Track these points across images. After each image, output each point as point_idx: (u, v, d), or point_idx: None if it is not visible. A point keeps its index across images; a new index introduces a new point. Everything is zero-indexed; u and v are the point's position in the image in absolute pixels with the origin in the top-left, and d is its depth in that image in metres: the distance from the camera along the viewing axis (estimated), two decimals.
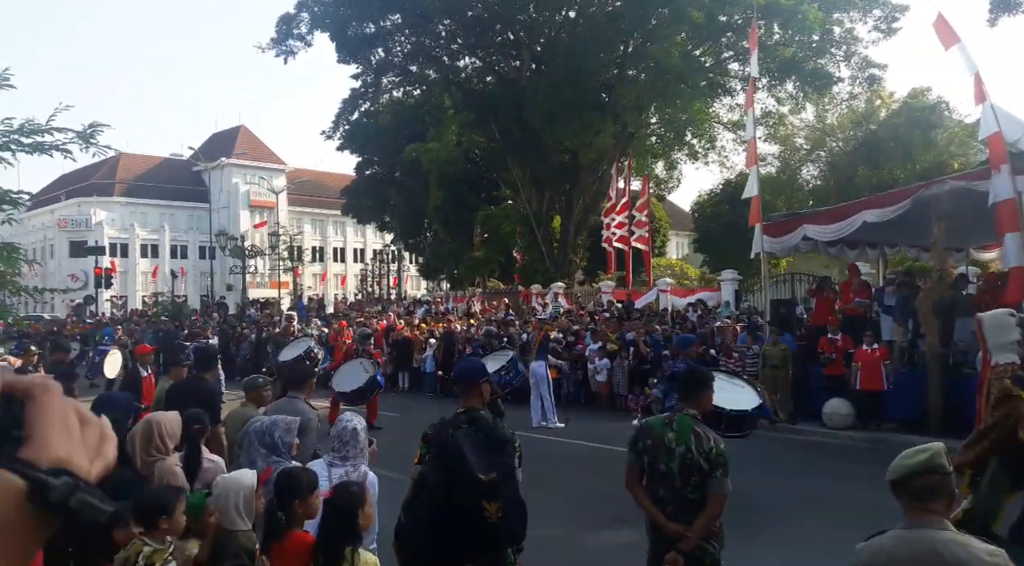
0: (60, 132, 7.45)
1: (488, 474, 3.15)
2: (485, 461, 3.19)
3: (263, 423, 4.26)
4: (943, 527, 2.33)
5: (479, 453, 3.21)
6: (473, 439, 3.28)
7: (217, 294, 45.86)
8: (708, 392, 3.75)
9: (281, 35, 28.62)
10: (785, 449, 10.75)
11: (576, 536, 6.36)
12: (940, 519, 2.35)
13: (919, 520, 2.36)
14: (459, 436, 3.28)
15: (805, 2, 23.11)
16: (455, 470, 3.17)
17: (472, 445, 3.24)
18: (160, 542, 3.11)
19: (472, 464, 3.15)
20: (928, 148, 28.53)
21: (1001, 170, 10.00)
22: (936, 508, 2.36)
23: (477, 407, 3.49)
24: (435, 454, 3.33)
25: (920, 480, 2.38)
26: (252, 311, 29.91)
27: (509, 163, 28.26)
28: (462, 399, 3.57)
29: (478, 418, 3.42)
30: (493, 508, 3.13)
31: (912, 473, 2.39)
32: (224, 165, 60.68)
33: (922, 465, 2.39)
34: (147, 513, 3.13)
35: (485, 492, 3.13)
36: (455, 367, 3.72)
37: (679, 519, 3.48)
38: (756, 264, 16.72)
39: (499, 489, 3.17)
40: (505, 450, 3.31)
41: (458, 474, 3.16)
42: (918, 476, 2.38)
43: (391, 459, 5.68)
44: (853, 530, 6.73)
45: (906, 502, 2.40)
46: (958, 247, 15.34)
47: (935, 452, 2.42)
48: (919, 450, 2.46)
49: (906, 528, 2.38)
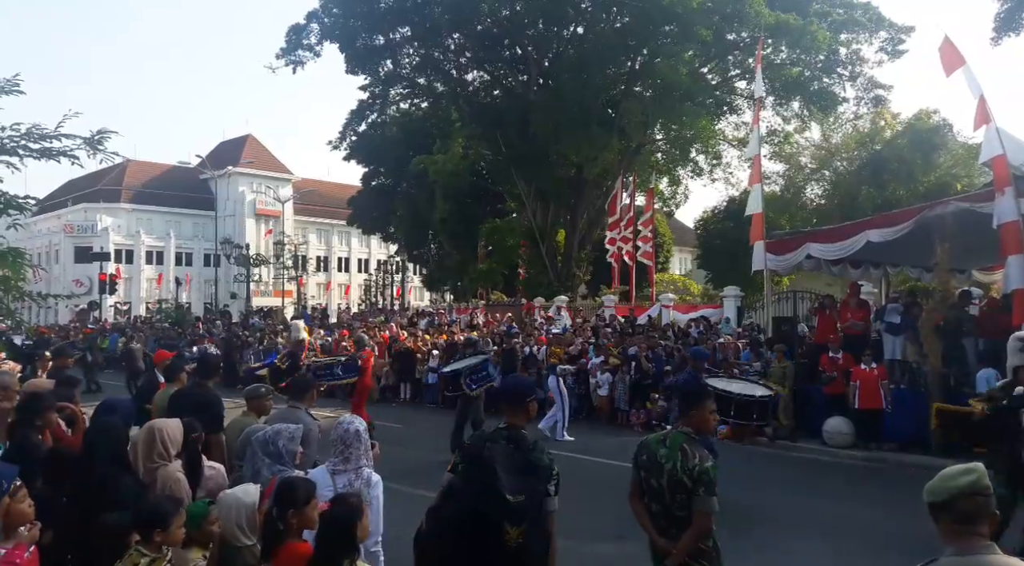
0: (68, 138, 7.53)
1: (516, 495, 3.08)
2: (516, 482, 3.12)
3: (266, 432, 4.27)
4: (995, 552, 2.28)
5: (512, 473, 3.14)
6: (509, 457, 3.21)
7: (221, 302, 45.99)
8: (702, 409, 3.69)
9: (290, 45, 28.85)
10: (785, 466, 10.72)
11: (580, 548, 6.33)
12: (990, 543, 2.29)
13: (970, 545, 2.28)
14: (495, 451, 3.22)
15: (813, 22, 23.25)
16: (484, 485, 3.12)
17: (506, 463, 3.17)
18: (157, 551, 3.11)
19: (502, 482, 3.08)
20: (931, 169, 28.57)
21: (1005, 192, 10.03)
22: (983, 531, 2.30)
23: (520, 425, 3.43)
24: (468, 466, 3.27)
25: (965, 502, 2.31)
26: (256, 320, 29.96)
27: (515, 176, 28.36)
28: (507, 415, 3.50)
29: (519, 437, 3.35)
30: (515, 532, 3.04)
31: (958, 495, 2.32)
32: (231, 174, 61.02)
33: (970, 487, 2.32)
34: (143, 524, 3.13)
35: (510, 514, 3.06)
36: (503, 382, 3.71)
37: (669, 535, 3.51)
38: (758, 281, 16.74)
39: (525, 514, 3.09)
40: (539, 475, 3.24)
41: (486, 490, 3.10)
42: (964, 498, 2.31)
43: (392, 469, 5.69)
44: (853, 547, 6.71)
45: (949, 525, 2.32)
46: (961, 268, 15.33)
47: (981, 474, 2.35)
48: (963, 471, 2.38)
49: (959, 555, 2.29)
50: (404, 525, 3.71)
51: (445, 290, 37.96)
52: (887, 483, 9.40)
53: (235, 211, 61.76)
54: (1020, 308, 10.25)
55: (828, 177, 33.66)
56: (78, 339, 24.41)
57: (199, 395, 5.93)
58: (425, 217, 31.87)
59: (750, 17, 22.81)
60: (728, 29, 24.40)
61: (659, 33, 24.47)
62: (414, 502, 3.46)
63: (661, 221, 34.61)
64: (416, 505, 3.42)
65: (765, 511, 7.94)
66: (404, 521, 3.82)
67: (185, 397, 6.00)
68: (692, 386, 4.00)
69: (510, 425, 3.44)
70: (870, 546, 6.86)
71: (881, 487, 9.24)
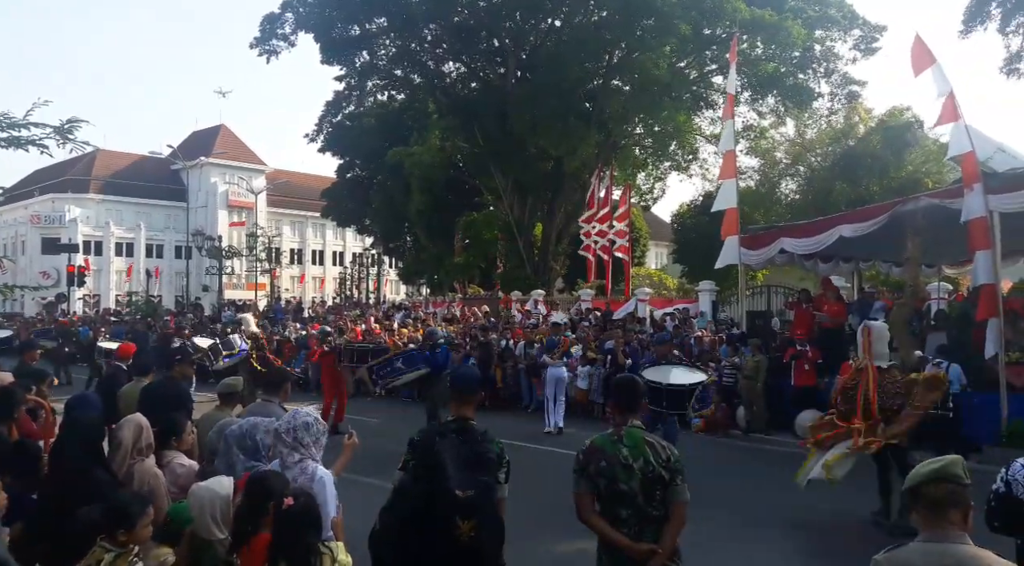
0: (37, 127, 7.34)
1: (465, 491, 3.10)
2: (465, 477, 3.14)
3: (242, 426, 4.21)
4: (965, 541, 2.32)
5: (460, 468, 3.16)
6: (457, 451, 3.23)
7: (192, 295, 45.36)
8: (644, 400, 3.67)
9: (265, 34, 28.45)
10: (756, 459, 10.84)
11: (538, 546, 6.34)
12: (962, 533, 2.34)
13: (941, 533, 2.33)
14: (443, 447, 3.23)
15: (789, 18, 23.47)
16: (435, 482, 3.13)
17: (455, 458, 3.19)
18: (123, 546, 3.06)
19: (451, 479, 3.11)
20: (903, 165, 29.05)
21: (974, 189, 10.20)
22: (955, 519, 2.34)
23: (469, 416, 3.43)
24: (418, 462, 3.27)
25: (935, 488, 2.37)
26: (228, 313, 29.59)
27: (492, 169, 28.29)
28: (453, 405, 3.51)
29: (467, 429, 3.36)
30: (467, 526, 3.07)
31: (927, 480, 2.38)
32: (203, 164, 60.12)
33: (936, 473, 2.39)
34: (109, 523, 3.08)
35: (460, 508, 3.08)
36: (452, 373, 3.63)
37: (642, 539, 3.32)
38: (733, 276, 16.89)
39: (475, 508, 3.11)
40: (488, 468, 3.26)
41: (436, 487, 3.12)
42: (932, 483, 2.37)
43: (366, 464, 5.65)
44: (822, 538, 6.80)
45: (923, 511, 2.39)
46: (930, 263, 15.61)
47: (950, 462, 2.42)
48: (933, 460, 2.48)
49: (928, 541, 2.34)
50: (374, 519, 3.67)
51: (421, 283, 37.82)
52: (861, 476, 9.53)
53: (207, 202, 60.87)
54: (986, 303, 10.45)
55: (803, 172, 34.07)
56: (51, 329, 23.94)
57: (170, 389, 5.85)
58: (401, 210, 31.69)
59: (727, 12, 22.95)
60: (706, 24, 24.51)
61: (637, 27, 24.52)
62: (383, 496, 3.42)
63: (638, 215, 34.76)
64: (384, 499, 3.38)
65: (735, 503, 8.02)
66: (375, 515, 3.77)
67: (157, 390, 5.93)
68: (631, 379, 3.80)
69: (459, 417, 3.45)
70: (839, 537, 6.96)
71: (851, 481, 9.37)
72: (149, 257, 59.26)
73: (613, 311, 19.66)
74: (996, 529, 3.15)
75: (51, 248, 49.35)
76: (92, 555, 3.01)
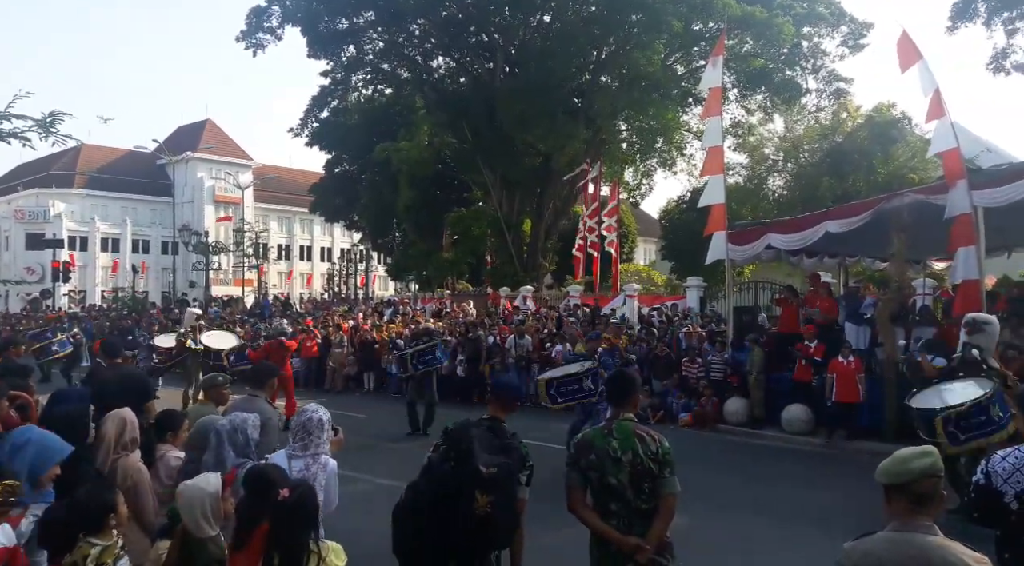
0: (19, 119, 7.26)
1: (489, 468, 3.26)
2: (490, 458, 3.32)
3: (232, 421, 4.20)
4: (933, 532, 2.34)
5: (487, 451, 3.36)
6: (486, 440, 3.44)
7: (179, 291, 45.02)
8: (639, 394, 3.73)
9: (251, 27, 28.23)
10: (743, 453, 10.92)
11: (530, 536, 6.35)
12: (930, 524, 2.36)
13: (910, 523, 2.36)
14: (473, 433, 3.45)
15: (778, 15, 23.55)
16: (461, 460, 3.31)
17: (483, 443, 3.39)
18: (107, 539, 3.05)
19: (476, 456, 3.29)
20: (889, 161, 29.27)
21: (958, 185, 10.29)
22: (929, 511, 2.38)
23: (501, 418, 3.66)
24: (448, 446, 3.45)
25: (923, 484, 2.38)
26: (214, 308, 29.41)
27: (480, 165, 28.23)
28: (491, 407, 3.74)
29: (499, 427, 3.59)
30: (484, 500, 3.20)
31: (918, 477, 2.39)
32: (189, 159, 59.60)
33: (927, 469, 2.39)
34: (94, 514, 3.06)
35: (480, 482, 3.22)
36: (496, 381, 4.07)
37: (631, 533, 3.32)
38: (721, 271, 16.95)
39: (495, 484, 3.25)
40: (511, 456, 3.43)
41: (462, 463, 3.30)
42: (922, 480, 2.38)
43: (357, 461, 5.64)
44: (807, 530, 6.87)
45: (903, 505, 2.39)
46: (916, 259, 15.73)
47: (936, 457, 2.43)
48: (920, 453, 2.45)
49: (896, 530, 2.37)
50: (367, 513, 3.68)
51: (410, 279, 37.70)
52: (843, 469, 9.63)
53: (193, 197, 60.37)
54: (962, 299, 10.54)
55: (790, 169, 34.24)
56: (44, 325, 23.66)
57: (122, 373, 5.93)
58: (389, 205, 31.53)
59: (717, 8, 22.98)
60: (695, 20, 24.56)
61: (626, 23, 24.52)
62: (373, 490, 3.44)
63: (626, 211, 34.80)
64: (375, 493, 3.40)
65: (724, 497, 8.07)
66: (367, 510, 3.78)
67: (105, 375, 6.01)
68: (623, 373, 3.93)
69: (493, 416, 3.65)
70: (823, 529, 7.02)
71: (837, 473, 9.47)
72: (135, 253, 58.72)
73: (601, 307, 19.71)
74: (975, 520, 3.18)
75: (36, 243, 48.82)
76: (78, 551, 2.99)
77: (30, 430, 3.61)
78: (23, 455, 3.39)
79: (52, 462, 3.45)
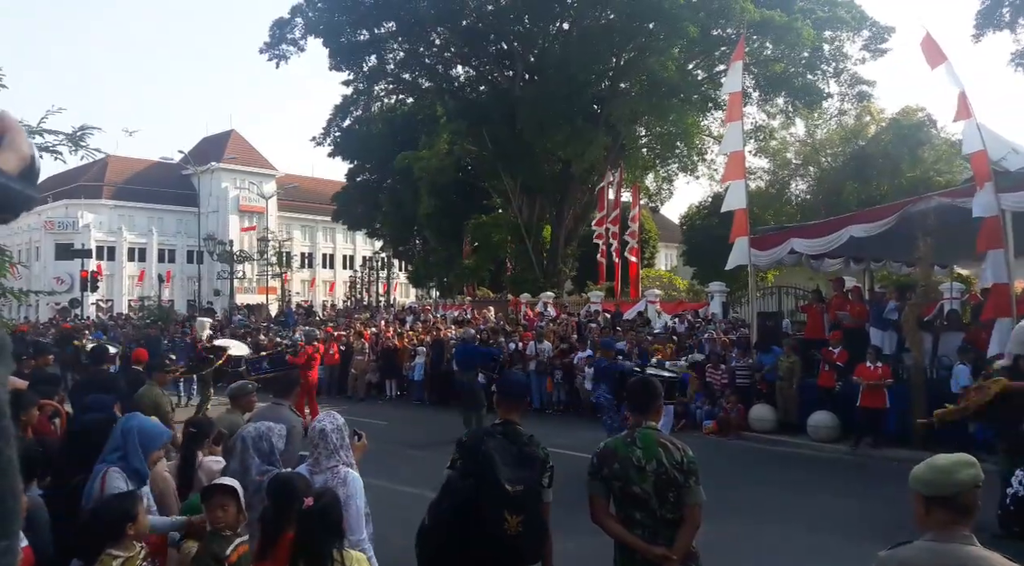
0: (51, 134, 7.43)
1: (515, 486, 3.16)
2: (514, 473, 3.22)
3: (258, 429, 4.25)
4: (972, 542, 2.27)
5: (509, 464, 3.24)
6: (505, 450, 3.31)
7: (204, 299, 45.58)
8: (660, 401, 3.60)
9: (274, 39, 28.62)
10: (770, 461, 10.79)
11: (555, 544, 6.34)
12: (969, 534, 2.28)
13: (949, 533, 2.28)
14: (491, 445, 3.31)
15: (799, 19, 23.39)
16: (483, 477, 3.19)
17: (503, 456, 3.27)
18: (129, 549, 3.09)
19: (500, 474, 3.17)
20: (915, 165, 28.87)
21: (985, 188, 10.13)
22: (968, 521, 2.30)
23: (515, 421, 3.52)
24: (466, 460, 3.33)
25: (968, 496, 2.30)
26: (239, 316, 29.73)
27: (500, 172, 28.30)
28: (501, 410, 3.62)
29: (514, 432, 3.45)
30: (514, 521, 3.13)
31: (965, 489, 2.30)
32: (214, 169, 60.44)
33: (975, 479, 2.31)
34: (113, 523, 3.10)
35: (509, 503, 3.14)
36: (502, 380, 3.83)
37: (656, 543, 3.28)
38: (743, 277, 16.81)
39: (524, 504, 3.18)
40: (534, 467, 3.33)
41: (485, 482, 3.18)
42: (968, 492, 2.30)
43: (378, 467, 5.67)
44: (835, 539, 6.77)
45: (946, 516, 2.29)
46: (943, 263, 15.49)
47: (978, 467, 2.33)
48: (963, 463, 2.34)
49: (934, 541, 2.29)
50: (389, 520, 3.70)
51: (431, 286, 37.85)
52: (871, 477, 9.49)
53: (218, 207, 61.18)
54: (994, 302, 10.35)
55: (813, 173, 33.91)
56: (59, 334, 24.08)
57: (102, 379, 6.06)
58: (410, 213, 31.73)
59: (736, 13, 22.89)
60: (714, 25, 24.48)
61: (645, 30, 24.49)
62: (396, 497, 3.45)
63: (647, 217, 34.71)
64: (397, 501, 3.41)
65: (750, 505, 7.99)
66: (388, 517, 3.80)
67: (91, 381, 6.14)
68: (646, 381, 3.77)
69: (506, 421, 3.52)
70: (851, 537, 6.92)
71: (864, 480, 9.33)
72: (161, 262, 59.60)
73: (623, 312, 19.63)
74: (1015, 533, 3.07)
75: (65, 254, 49.69)
76: (99, 563, 3.01)
77: (135, 416, 3.97)
78: (132, 438, 3.70)
79: (157, 445, 3.81)
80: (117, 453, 3.65)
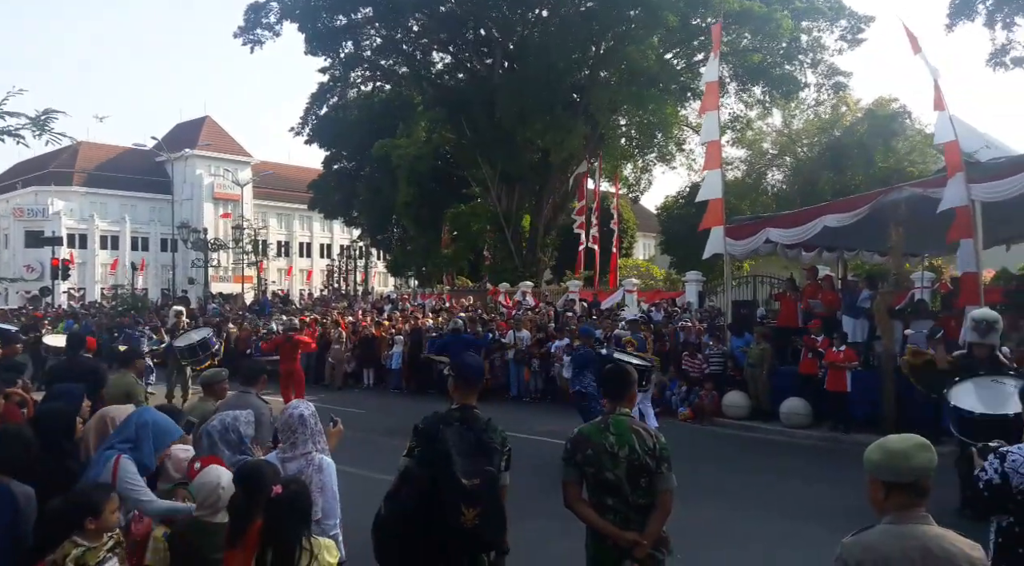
0: (12, 116, 7.25)
1: (471, 480, 3.15)
2: (470, 466, 3.19)
3: (222, 422, 4.20)
4: (929, 522, 2.32)
5: (465, 456, 3.21)
6: (462, 439, 3.27)
7: (179, 288, 45.01)
8: (635, 388, 3.63)
9: (249, 23, 28.17)
10: (744, 447, 10.92)
11: (525, 529, 6.37)
12: (926, 514, 2.34)
13: (909, 515, 2.33)
14: (448, 434, 3.27)
15: (777, 10, 23.49)
16: (440, 470, 3.18)
17: (459, 446, 3.23)
18: (94, 540, 3.04)
19: (456, 467, 3.16)
20: (888, 155, 29.23)
21: (956, 177, 10.27)
22: (924, 502, 2.35)
23: (473, 405, 3.47)
24: (423, 449, 3.30)
25: (927, 480, 2.35)
26: (214, 305, 29.40)
27: (479, 161, 28.19)
28: (458, 395, 3.51)
29: (472, 417, 3.39)
30: (471, 514, 3.12)
31: (925, 474, 2.34)
32: (188, 156, 59.60)
33: (932, 462, 2.34)
34: (74, 513, 3.06)
35: (466, 497, 3.13)
36: (457, 362, 3.67)
37: (628, 528, 3.32)
38: (720, 266, 16.95)
39: (480, 496, 3.16)
40: (492, 458, 3.29)
41: (442, 474, 3.17)
42: (928, 476, 2.35)
43: (353, 455, 5.64)
44: (806, 524, 6.86)
45: (903, 499, 2.34)
46: (914, 252, 15.72)
47: (933, 451, 2.36)
48: (920, 446, 2.37)
49: (895, 523, 2.34)
50: (364, 508, 3.68)
51: (409, 275, 37.71)
52: (841, 461, 9.63)
53: (192, 195, 60.37)
54: (967, 291, 10.53)
55: (789, 163, 34.20)
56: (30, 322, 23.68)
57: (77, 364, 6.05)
58: (388, 201, 31.50)
59: (715, 3, 22.93)
60: (693, 14, 24.50)
61: (624, 18, 24.45)
62: (371, 485, 3.43)
63: (625, 207, 34.77)
64: (372, 489, 3.39)
65: (724, 490, 8.08)
66: (363, 505, 3.78)
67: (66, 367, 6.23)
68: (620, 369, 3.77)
69: (463, 405, 3.46)
70: (823, 523, 7.02)
71: (836, 466, 9.47)
72: (134, 250, 58.74)
73: (601, 302, 19.71)
74: (978, 517, 3.12)
75: (35, 241, 48.79)
76: (60, 550, 2.98)
77: (148, 411, 3.99)
78: (147, 431, 3.75)
79: (168, 442, 3.83)
80: (127, 444, 3.65)
